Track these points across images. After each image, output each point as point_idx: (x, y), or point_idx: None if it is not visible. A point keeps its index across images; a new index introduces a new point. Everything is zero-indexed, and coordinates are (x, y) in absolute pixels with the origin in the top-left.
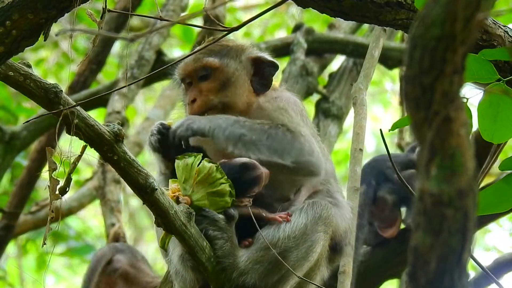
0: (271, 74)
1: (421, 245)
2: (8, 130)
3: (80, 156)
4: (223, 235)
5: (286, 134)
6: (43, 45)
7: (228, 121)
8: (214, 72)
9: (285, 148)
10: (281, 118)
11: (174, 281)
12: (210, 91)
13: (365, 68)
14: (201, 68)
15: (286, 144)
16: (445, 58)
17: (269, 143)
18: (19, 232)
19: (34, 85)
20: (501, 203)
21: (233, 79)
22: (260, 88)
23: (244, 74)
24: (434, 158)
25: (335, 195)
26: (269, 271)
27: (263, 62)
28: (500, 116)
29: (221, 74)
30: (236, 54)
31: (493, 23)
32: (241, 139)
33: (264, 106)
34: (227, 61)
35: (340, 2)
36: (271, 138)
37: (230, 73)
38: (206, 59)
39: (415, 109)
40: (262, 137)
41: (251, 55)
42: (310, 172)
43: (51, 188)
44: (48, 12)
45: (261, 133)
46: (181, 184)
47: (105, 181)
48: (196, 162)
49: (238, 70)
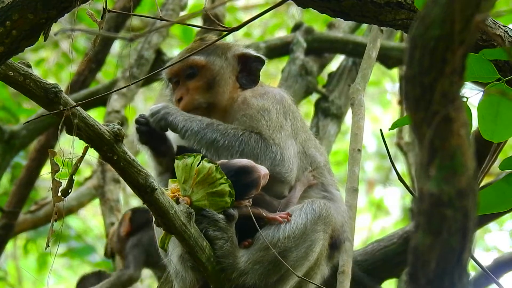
0: (258, 69)
1: (421, 245)
2: (7, 129)
3: (82, 157)
4: (223, 235)
5: (259, 142)
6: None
7: (201, 124)
8: (200, 70)
9: (257, 156)
10: (260, 124)
11: (174, 281)
12: (196, 90)
13: (363, 69)
14: (187, 67)
15: (257, 152)
16: (445, 58)
17: (241, 150)
18: (18, 231)
19: (34, 85)
20: (501, 202)
21: (218, 78)
22: (248, 84)
23: (229, 72)
24: (434, 158)
25: (329, 188)
26: (269, 271)
27: (249, 57)
28: (500, 115)
29: (208, 72)
30: (221, 52)
31: (493, 23)
32: (214, 144)
33: (250, 102)
34: (213, 59)
35: (340, 2)
36: (243, 144)
37: (216, 71)
38: (192, 58)
39: (415, 109)
40: (235, 143)
41: (237, 52)
42: (280, 181)
43: (53, 190)
44: (48, 12)
45: (234, 139)
46: (180, 184)
47: (104, 180)
48: (195, 163)
49: (223, 68)
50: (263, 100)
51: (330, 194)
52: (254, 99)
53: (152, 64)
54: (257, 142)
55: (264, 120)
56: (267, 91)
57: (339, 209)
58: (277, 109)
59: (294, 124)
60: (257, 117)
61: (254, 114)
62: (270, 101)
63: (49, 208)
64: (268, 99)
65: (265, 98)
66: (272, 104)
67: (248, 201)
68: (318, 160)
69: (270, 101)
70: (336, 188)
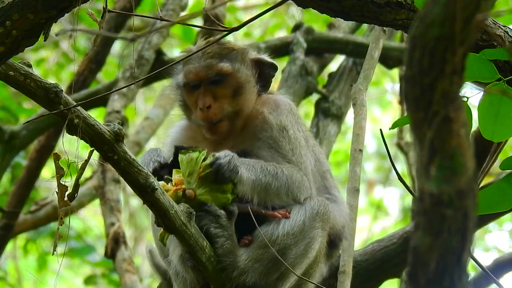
0: (271, 76)
1: (421, 245)
2: (7, 129)
3: (87, 161)
4: (224, 232)
5: (297, 176)
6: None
7: (256, 167)
8: (227, 78)
9: (299, 191)
10: (284, 150)
11: (174, 282)
12: (224, 98)
13: (365, 69)
14: (214, 74)
15: (297, 187)
16: (445, 58)
17: (286, 189)
18: (18, 231)
19: (34, 85)
20: (501, 202)
21: (244, 85)
22: (260, 89)
23: (252, 79)
24: (434, 158)
25: (332, 190)
26: (269, 269)
27: (264, 63)
28: (501, 115)
29: (234, 80)
30: (242, 57)
31: (493, 23)
32: (266, 188)
33: (269, 121)
34: (238, 66)
35: (340, 2)
36: (289, 183)
37: (242, 79)
38: (220, 65)
39: (415, 109)
40: (282, 183)
41: (253, 57)
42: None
43: (59, 195)
44: (48, 12)
45: (282, 180)
46: (185, 177)
47: (104, 180)
48: (201, 158)
49: (248, 75)
50: (279, 115)
51: (333, 196)
52: (271, 116)
53: (152, 64)
54: (296, 175)
55: (285, 142)
56: (278, 103)
57: (341, 211)
58: (291, 121)
59: (304, 133)
60: (279, 138)
61: (276, 136)
62: (284, 115)
63: (49, 208)
64: (282, 113)
65: (279, 113)
66: (286, 117)
67: None
68: (324, 165)
69: (284, 114)
70: (338, 191)
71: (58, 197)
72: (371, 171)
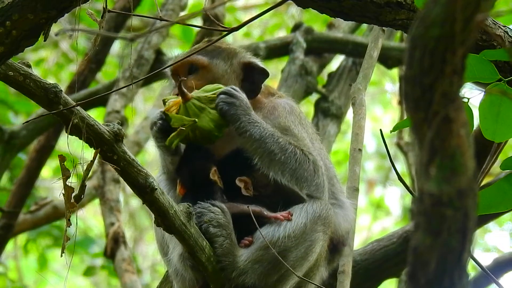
0: (261, 81)
1: (421, 245)
2: (7, 129)
3: (92, 162)
4: (223, 231)
5: (310, 165)
6: (43, 45)
7: (263, 132)
8: (201, 70)
9: (307, 179)
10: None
11: (174, 281)
12: (198, 88)
13: (364, 69)
14: (188, 65)
15: (308, 175)
16: (445, 59)
17: (294, 169)
18: (18, 231)
19: (34, 85)
20: (502, 202)
21: (220, 81)
22: (248, 94)
23: (234, 78)
24: (434, 158)
25: (339, 196)
26: (269, 270)
27: (254, 68)
28: (502, 115)
29: (209, 73)
30: (227, 56)
31: (493, 23)
32: (271, 156)
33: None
34: (216, 62)
35: (340, 2)
36: (297, 164)
37: (218, 74)
38: (195, 57)
39: (415, 109)
40: (291, 160)
41: (243, 60)
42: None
43: (66, 197)
44: (48, 12)
45: (290, 156)
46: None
47: (104, 180)
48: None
49: (227, 72)
50: (276, 118)
51: (339, 201)
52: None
53: (152, 64)
54: (308, 164)
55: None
56: (275, 107)
57: (347, 216)
58: (293, 121)
59: (310, 134)
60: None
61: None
62: (282, 117)
63: (49, 208)
64: (280, 116)
65: (276, 116)
66: (285, 118)
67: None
68: (331, 170)
69: (283, 116)
70: (345, 196)
71: (64, 199)
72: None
